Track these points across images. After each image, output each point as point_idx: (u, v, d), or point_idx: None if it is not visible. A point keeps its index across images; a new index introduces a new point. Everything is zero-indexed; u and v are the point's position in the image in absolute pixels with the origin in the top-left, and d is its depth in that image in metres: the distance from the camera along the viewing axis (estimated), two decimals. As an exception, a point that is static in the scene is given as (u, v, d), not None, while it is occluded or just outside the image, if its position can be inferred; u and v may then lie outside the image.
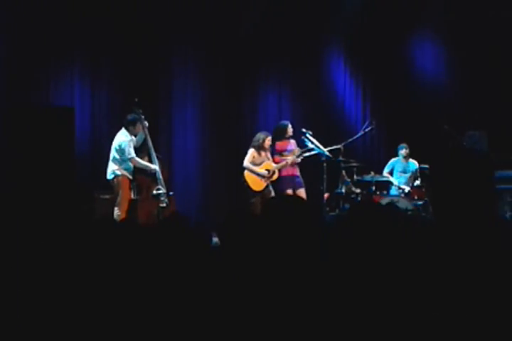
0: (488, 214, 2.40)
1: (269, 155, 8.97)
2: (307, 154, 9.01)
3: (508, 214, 8.57)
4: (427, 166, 8.70)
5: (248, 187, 8.79)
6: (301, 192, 8.97)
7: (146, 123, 8.11)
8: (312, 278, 2.47)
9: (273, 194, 8.81)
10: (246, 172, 8.83)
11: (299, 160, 9.00)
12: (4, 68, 8.54)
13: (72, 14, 8.84)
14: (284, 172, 8.98)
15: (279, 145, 9.08)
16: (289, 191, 8.92)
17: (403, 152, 9.65)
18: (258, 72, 10.54)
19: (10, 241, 3.18)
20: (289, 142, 9.11)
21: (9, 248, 3.08)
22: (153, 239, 3.00)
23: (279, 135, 9.12)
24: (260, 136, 8.93)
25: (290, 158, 8.89)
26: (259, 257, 2.63)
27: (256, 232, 2.77)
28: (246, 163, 8.84)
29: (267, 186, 8.84)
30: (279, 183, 8.98)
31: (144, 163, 8.04)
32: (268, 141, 8.90)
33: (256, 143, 8.89)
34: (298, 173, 9.06)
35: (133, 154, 7.95)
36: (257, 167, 8.86)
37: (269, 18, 10.24)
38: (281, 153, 9.05)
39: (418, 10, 10.88)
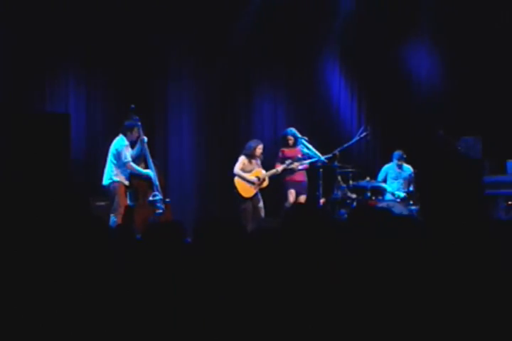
0: (477, 215, 2.43)
1: (259, 162, 9.03)
2: (307, 161, 9.08)
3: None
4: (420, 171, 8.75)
5: (238, 193, 8.86)
6: (302, 199, 9.10)
7: (145, 139, 8.08)
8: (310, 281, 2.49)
9: (262, 202, 8.93)
10: (236, 178, 8.90)
11: (296, 166, 9.06)
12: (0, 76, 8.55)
13: (66, 21, 8.85)
14: (297, 178, 9.09)
15: (286, 152, 9.15)
16: (292, 191, 8.99)
17: (399, 162, 9.61)
18: (253, 77, 10.56)
19: (5, 248, 3.19)
20: (296, 149, 9.19)
21: (5, 255, 3.09)
22: (146, 245, 3.01)
23: (281, 143, 9.26)
24: (251, 144, 9.01)
25: (281, 167, 8.97)
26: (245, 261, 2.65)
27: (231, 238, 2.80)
28: (236, 169, 8.91)
29: (256, 193, 8.92)
30: (288, 187, 9.05)
31: (140, 168, 8.05)
32: (259, 149, 8.97)
33: (247, 151, 8.96)
34: (305, 179, 9.15)
35: (129, 158, 7.97)
36: (248, 174, 8.92)
37: (264, 23, 10.27)
38: (283, 160, 9.08)
39: (413, 15, 10.92)
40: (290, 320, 2.43)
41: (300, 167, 9.14)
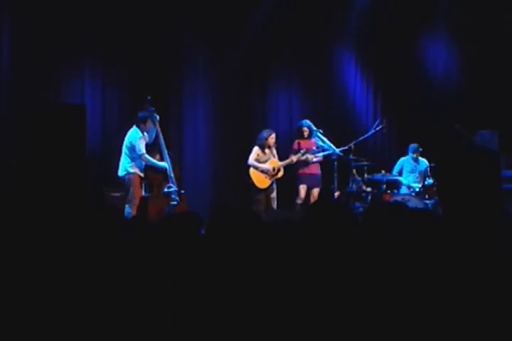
0: (495, 210, 2.41)
1: (274, 152, 9.04)
2: (322, 154, 9.08)
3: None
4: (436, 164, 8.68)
5: (253, 184, 8.88)
6: (315, 192, 9.09)
7: (157, 117, 8.10)
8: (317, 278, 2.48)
9: (275, 192, 8.96)
10: (251, 169, 8.92)
11: (310, 158, 9.05)
12: (15, 67, 8.58)
13: (82, 13, 8.87)
14: (311, 171, 9.08)
15: (301, 143, 9.15)
16: (304, 186, 8.98)
17: (414, 155, 9.58)
18: (268, 70, 10.53)
19: (21, 239, 3.20)
20: (311, 142, 9.19)
21: (21, 245, 3.10)
22: (160, 237, 3.01)
23: (296, 134, 9.28)
24: (263, 134, 9.01)
25: (295, 157, 8.98)
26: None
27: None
28: (251, 160, 8.93)
29: (271, 184, 8.92)
30: (301, 181, 9.03)
31: (154, 161, 8.07)
32: (272, 139, 8.98)
33: (260, 142, 8.97)
34: (319, 172, 9.13)
35: (143, 151, 7.98)
36: (263, 164, 8.93)
37: (279, 16, 10.24)
38: (298, 152, 9.08)
39: (429, 7, 10.85)
40: (303, 311, 2.42)
41: (314, 159, 9.13)
